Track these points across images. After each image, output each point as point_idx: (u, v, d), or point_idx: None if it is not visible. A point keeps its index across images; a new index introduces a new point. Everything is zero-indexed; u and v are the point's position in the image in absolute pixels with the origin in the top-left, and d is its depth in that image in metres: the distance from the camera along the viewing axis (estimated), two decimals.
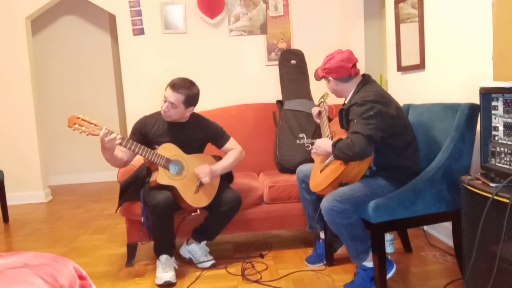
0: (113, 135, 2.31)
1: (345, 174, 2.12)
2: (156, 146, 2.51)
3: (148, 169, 2.63)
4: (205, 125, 2.70)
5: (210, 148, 2.76)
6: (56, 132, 5.56)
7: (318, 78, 2.39)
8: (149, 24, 4.29)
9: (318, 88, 3.48)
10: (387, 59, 3.54)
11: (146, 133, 2.60)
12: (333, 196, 2.09)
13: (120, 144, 2.36)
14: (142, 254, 2.89)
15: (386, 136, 2.08)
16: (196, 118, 2.70)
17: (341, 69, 2.22)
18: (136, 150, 2.41)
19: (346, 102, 2.30)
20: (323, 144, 2.27)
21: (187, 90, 2.50)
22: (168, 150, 2.50)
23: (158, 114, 2.65)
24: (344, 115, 2.17)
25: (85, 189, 5.36)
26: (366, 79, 2.26)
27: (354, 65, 2.25)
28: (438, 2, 2.73)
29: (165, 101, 2.51)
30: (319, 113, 2.63)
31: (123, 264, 2.76)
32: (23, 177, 4.60)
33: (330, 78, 2.27)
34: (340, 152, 2.06)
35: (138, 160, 2.72)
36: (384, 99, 2.12)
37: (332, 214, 2.08)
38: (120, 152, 2.50)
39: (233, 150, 2.69)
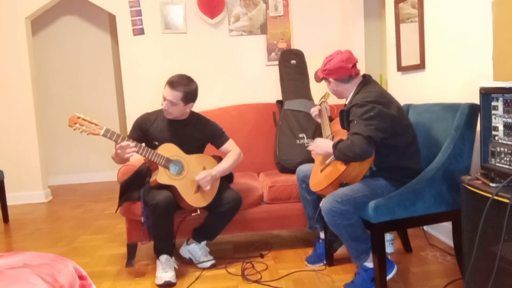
0: (126, 143, 2.34)
1: (346, 175, 2.12)
2: (156, 143, 2.52)
3: (148, 169, 2.63)
4: (204, 124, 2.70)
5: (210, 148, 2.76)
6: (56, 132, 5.56)
7: (318, 79, 2.39)
8: (149, 24, 4.30)
9: (318, 88, 3.48)
10: (387, 59, 3.54)
11: (146, 130, 2.61)
12: (333, 197, 2.09)
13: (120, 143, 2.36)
14: (142, 254, 2.89)
15: (387, 136, 2.08)
16: (196, 117, 2.70)
17: (341, 69, 2.22)
18: (136, 150, 2.41)
19: (346, 102, 2.30)
20: (323, 143, 2.27)
21: (185, 87, 2.51)
22: (168, 150, 2.51)
23: (159, 111, 2.67)
24: (344, 116, 2.17)
25: (85, 189, 5.36)
26: (367, 80, 2.25)
27: (354, 65, 2.24)
28: (438, 2, 2.73)
29: (164, 100, 2.52)
30: (320, 112, 2.63)
31: (123, 264, 2.76)
32: (23, 177, 4.60)
33: (331, 79, 2.27)
34: (341, 153, 2.06)
35: (138, 160, 2.72)
36: (384, 100, 2.12)
37: (333, 215, 2.08)
38: None
39: (231, 152, 2.69)
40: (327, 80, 2.30)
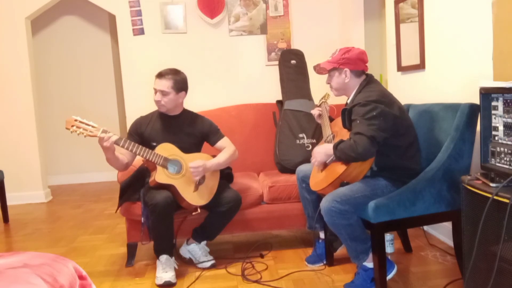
0: (109, 134, 2.32)
1: (346, 174, 2.12)
2: (154, 143, 2.53)
3: (148, 169, 2.63)
4: (200, 121, 2.72)
5: (209, 147, 2.75)
6: (56, 132, 5.56)
7: (324, 71, 2.31)
8: (149, 24, 4.29)
9: (318, 88, 3.48)
10: (387, 59, 3.54)
11: (142, 132, 2.62)
12: (332, 196, 2.09)
13: (117, 143, 2.36)
14: (142, 254, 2.89)
15: (389, 136, 2.07)
16: (191, 114, 2.73)
17: (360, 61, 2.22)
18: (134, 150, 2.41)
19: (348, 101, 2.29)
20: (322, 149, 2.25)
21: (173, 75, 2.57)
22: (166, 149, 2.51)
23: (152, 113, 2.70)
24: (346, 115, 2.16)
25: (85, 189, 5.36)
26: (369, 79, 2.25)
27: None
28: (438, 2, 2.73)
29: (155, 92, 2.56)
30: (320, 114, 2.62)
31: (123, 264, 2.76)
32: (23, 177, 4.60)
33: (346, 69, 2.21)
34: (343, 154, 2.06)
35: (138, 160, 2.72)
36: (387, 99, 2.12)
37: (332, 215, 2.08)
38: (121, 155, 2.51)
39: (227, 148, 2.70)
40: (338, 71, 2.24)
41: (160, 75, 2.57)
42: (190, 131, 2.67)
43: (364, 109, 2.05)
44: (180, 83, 2.59)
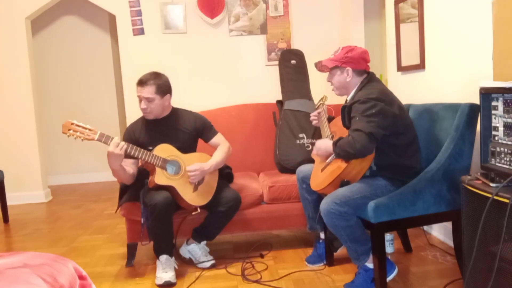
0: (115, 140, 2.31)
1: (346, 173, 2.12)
2: (151, 148, 2.51)
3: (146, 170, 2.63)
4: (192, 116, 2.71)
5: (208, 146, 2.75)
6: (56, 132, 5.49)
7: (326, 69, 2.30)
8: (149, 24, 4.29)
9: (318, 88, 3.48)
10: (387, 59, 3.54)
11: (137, 139, 2.60)
12: (331, 198, 2.09)
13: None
14: (142, 254, 2.89)
15: (388, 134, 2.07)
16: (180, 111, 2.72)
17: (362, 61, 2.22)
18: (132, 153, 2.40)
19: (348, 99, 2.29)
20: (323, 145, 2.26)
21: (155, 79, 2.53)
22: (164, 150, 2.50)
23: (142, 118, 2.68)
24: (346, 112, 2.16)
25: (85, 189, 5.36)
26: (370, 77, 2.25)
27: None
28: (438, 2, 2.73)
29: (140, 100, 2.54)
30: (319, 116, 2.60)
31: (123, 264, 2.76)
32: (23, 177, 4.60)
33: (348, 68, 2.22)
34: (341, 150, 2.06)
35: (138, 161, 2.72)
36: (387, 98, 2.12)
37: (331, 217, 2.08)
38: (126, 166, 2.50)
39: (222, 146, 2.69)
40: (340, 69, 2.24)
41: (141, 82, 2.52)
42: (184, 127, 2.66)
43: (364, 106, 2.05)
44: (163, 87, 2.56)
